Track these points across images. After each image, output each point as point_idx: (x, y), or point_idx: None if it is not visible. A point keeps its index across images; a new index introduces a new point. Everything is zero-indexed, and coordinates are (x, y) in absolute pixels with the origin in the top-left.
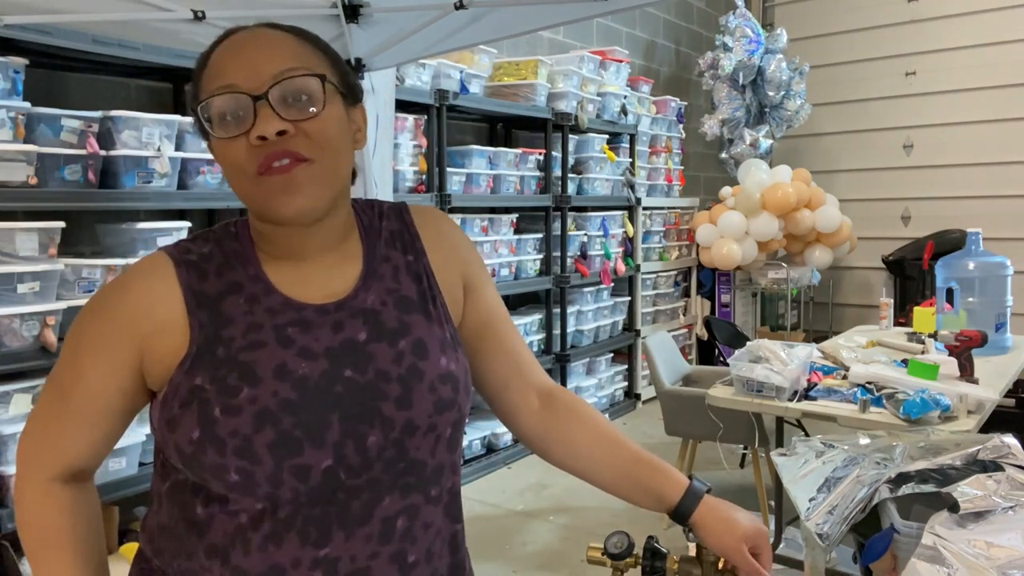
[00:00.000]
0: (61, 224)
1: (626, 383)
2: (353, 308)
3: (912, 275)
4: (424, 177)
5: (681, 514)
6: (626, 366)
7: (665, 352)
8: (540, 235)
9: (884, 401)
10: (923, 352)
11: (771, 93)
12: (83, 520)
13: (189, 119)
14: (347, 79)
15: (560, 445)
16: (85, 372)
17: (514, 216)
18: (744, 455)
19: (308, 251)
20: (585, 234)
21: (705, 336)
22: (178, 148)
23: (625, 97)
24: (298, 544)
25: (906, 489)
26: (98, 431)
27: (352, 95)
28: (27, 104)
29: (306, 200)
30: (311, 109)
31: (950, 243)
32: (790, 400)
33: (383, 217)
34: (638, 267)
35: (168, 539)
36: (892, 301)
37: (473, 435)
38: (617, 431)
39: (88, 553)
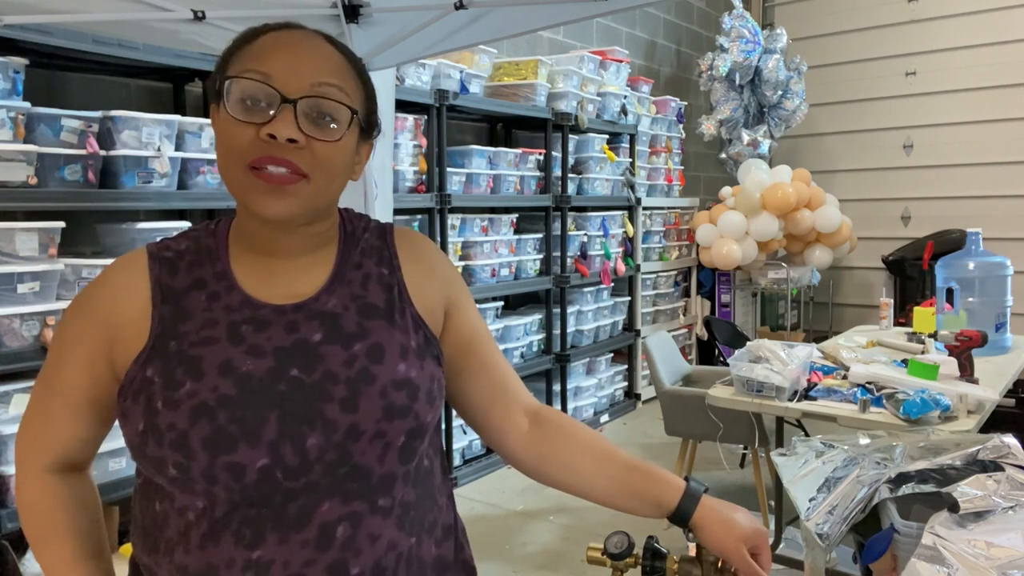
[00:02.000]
0: (61, 224)
1: (626, 383)
2: (312, 310)
3: (912, 275)
4: (424, 177)
5: (680, 517)
6: (626, 366)
7: (665, 352)
8: (540, 235)
9: (884, 401)
10: (923, 352)
11: (768, 93)
12: (79, 508)
13: (189, 119)
14: (371, 116)
15: (551, 463)
16: (65, 363)
17: (514, 216)
18: (744, 455)
19: (281, 250)
20: (585, 234)
21: (705, 336)
22: (178, 148)
23: (625, 97)
24: (232, 544)
25: (906, 489)
26: (81, 421)
27: (368, 131)
28: (27, 104)
29: (287, 208)
30: (330, 131)
31: (950, 243)
32: (790, 400)
33: (367, 231)
34: (638, 267)
35: (140, 534)
36: (892, 301)
37: (473, 435)
38: (608, 443)
39: (85, 540)
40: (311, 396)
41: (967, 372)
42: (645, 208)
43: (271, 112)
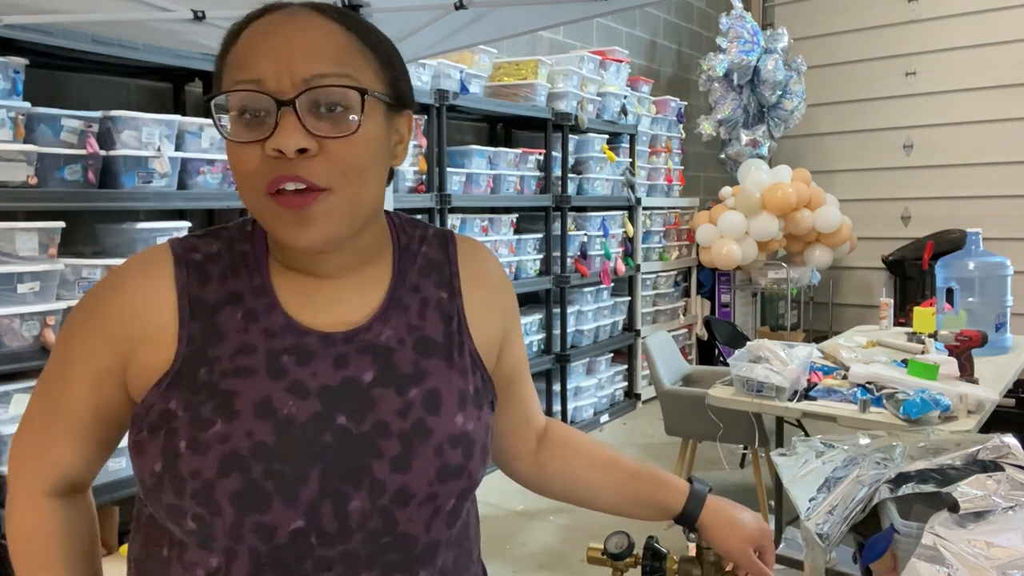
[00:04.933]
0: (61, 224)
1: (626, 383)
2: (364, 342)
3: (912, 275)
4: (424, 177)
5: (686, 519)
6: (626, 366)
7: (665, 352)
8: (540, 235)
9: (884, 401)
10: (923, 352)
11: (767, 93)
12: (72, 539)
13: (189, 119)
14: (396, 84)
15: (556, 478)
16: (72, 378)
17: (514, 216)
18: (744, 455)
19: (325, 270)
20: (585, 234)
21: (705, 336)
22: (178, 148)
23: (625, 97)
24: None
25: (906, 489)
26: (89, 441)
27: (400, 101)
28: (27, 104)
29: (320, 235)
30: (345, 124)
31: (950, 243)
32: (790, 400)
33: (424, 242)
34: (638, 267)
35: (143, 571)
36: (892, 301)
37: None
38: (611, 451)
39: (82, 573)
40: (359, 451)
41: (967, 372)
42: (645, 208)
43: (270, 124)
